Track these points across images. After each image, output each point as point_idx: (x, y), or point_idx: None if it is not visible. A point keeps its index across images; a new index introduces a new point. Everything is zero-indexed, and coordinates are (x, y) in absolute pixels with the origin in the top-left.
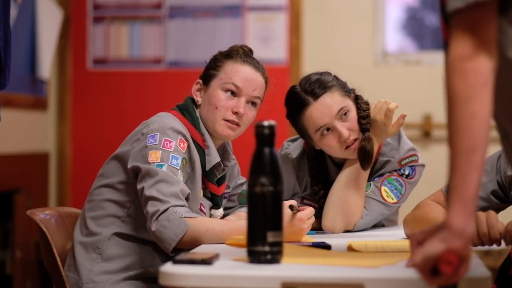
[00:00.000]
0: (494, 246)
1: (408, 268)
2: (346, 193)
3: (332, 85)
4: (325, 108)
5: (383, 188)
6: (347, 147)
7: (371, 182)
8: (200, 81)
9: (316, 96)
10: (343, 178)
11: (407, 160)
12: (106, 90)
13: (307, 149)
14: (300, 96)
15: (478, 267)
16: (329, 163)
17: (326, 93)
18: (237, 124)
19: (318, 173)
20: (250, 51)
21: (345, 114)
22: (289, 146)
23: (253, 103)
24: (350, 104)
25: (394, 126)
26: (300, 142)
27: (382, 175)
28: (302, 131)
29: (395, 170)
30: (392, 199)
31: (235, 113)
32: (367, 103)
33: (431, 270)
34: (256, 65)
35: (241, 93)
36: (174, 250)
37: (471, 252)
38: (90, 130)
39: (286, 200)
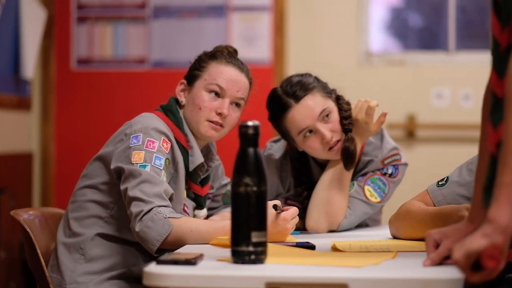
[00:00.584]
0: None
1: (391, 268)
2: (330, 193)
3: (313, 87)
4: (307, 110)
5: (366, 187)
6: (330, 148)
7: (355, 182)
8: (184, 81)
9: (297, 99)
10: (326, 178)
11: (390, 159)
12: (90, 90)
13: (289, 150)
14: (281, 98)
15: None
16: (312, 164)
17: (307, 95)
18: (221, 125)
19: (301, 174)
20: (235, 51)
21: (327, 115)
22: (272, 147)
23: (237, 104)
24: (331, 105)
25: (375, 125)
26: (283, 143)
27: (365, 174)
28: (284, 134)
29: (378, 170)
30: (376, 198)
31: (219, 114)
32: (348, 104)
33: (472, 265)
34: (241, 66)
35: (225, 94)
36: (158, 250)
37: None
38: (74, 130)
39: (270, 201)
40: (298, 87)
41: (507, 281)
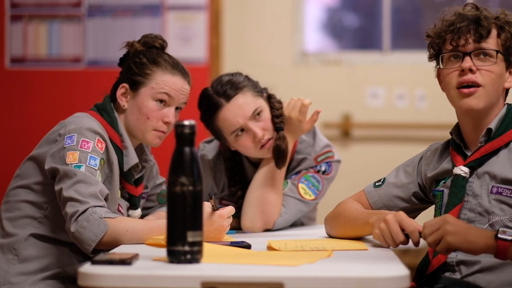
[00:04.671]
0: (410, 245)
1: (326, 267)
2: (264, 192)
3: (244, 86)
4: (238, 109)
5: (300, 185)
6: (262, 147)
7: (288, 180)
8: (126, 85)
9: (228, 98)
10: (259, 177)
11: (323, 157)
12: (24, 89)
13: (223, 150)
14: (212, 98)
15: (397, 266)
16: (245, 163)
17: (238, 94)
18: (165, 133)
19: (235, 174)
20: (165, 42)
21: (258, 114)
22: (205, 148)
23: (179, 108)
24: (263, 104)
25: (308, 123)
26: (216, 143)
27: (299, 172)
28: (217, 133)
29: (312, 167)
30: (310, 195)
31: (166, 123)
32: (280, 102)
33: None
34: (184, 73)
35: (172, 102)
36: (94, 250)
37: None
38: (8, 129)
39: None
40: (229, 86)
41: (444, 280)
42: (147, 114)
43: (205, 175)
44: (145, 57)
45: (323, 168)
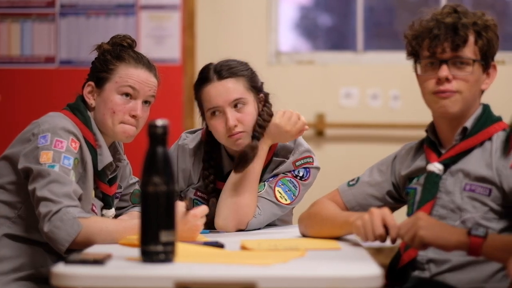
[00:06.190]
0: (387, 243)
1: (299, 266)
2: (238, 193)
3: (241, 74)
4: (223, 91)
5: (277, 189)
6: (230, 136)
7: (265, 183)
8: (92, 83)
9: (220, 77)
10: (236, 177)
11: (301, 162)
12: None
13: (204, 137)
14: (208, 72)
15: (370, 265)
16: (223, 153)
17: (230, 78)
18: (134, 126)
19: (211, 159)
20: (134, 42)
21: (240, 104)
22: (187, 137)
23: (147, 102)
24: (250, 99)
25: (295, 135)
26: (198, 134)
27: (276, 175)
28: (199, 104)
29: (290, 171)
30: (286, 200)
31: (133, 116)
32: (270, 115)
33: None
34: (148, 65)
35: (138, 95)
36: (68, 250)
37: None
38: None
39: (182, 191)
40: (227, 68)
41: (412, 279)
42: (113, 108)
43: (184, 164)
44: (109, 54)
45: (301, 174)
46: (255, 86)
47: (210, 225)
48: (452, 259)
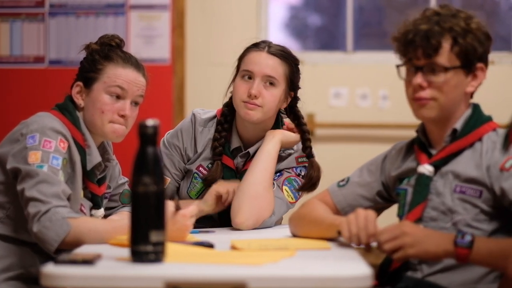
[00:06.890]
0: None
1: (289, 266)
2: (259, 193)
3: (287, 62)
4: (264, 63)
5: (284, 187)
6: (246, 102)
7: (274, 182)
8: (80, 83)
9: (270, 51)
10: (258, 173)
11: (304, 159)
12: None
13: (220, 111)
14: (264, 42)
15: (360, 265)
16: (233, 128)
17: (277, 58)
18: (124, 126)
19: (223, 130)
20: (122, 41)
21: (271, 83)
22: (202, 111)
23: (136, 103)
24: (281, 87)
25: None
26: (213, 112)
27: (279, 171)
28: (239, 61)
29: (292, 168)
30: (292, 199)
31: (122, 116)
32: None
33: None
34: (137, 65)
35: (126, 95)
36: (57, 251)
37: None
38: None
39: (189, 160)
40: (280, 48)
41: (406, 279)
42: (101, 108)
43: (186, 134)
44: (97, 54)
45: (302, 173)
46: (292, 81)
47: (224, 218)
48: (444, 260)
